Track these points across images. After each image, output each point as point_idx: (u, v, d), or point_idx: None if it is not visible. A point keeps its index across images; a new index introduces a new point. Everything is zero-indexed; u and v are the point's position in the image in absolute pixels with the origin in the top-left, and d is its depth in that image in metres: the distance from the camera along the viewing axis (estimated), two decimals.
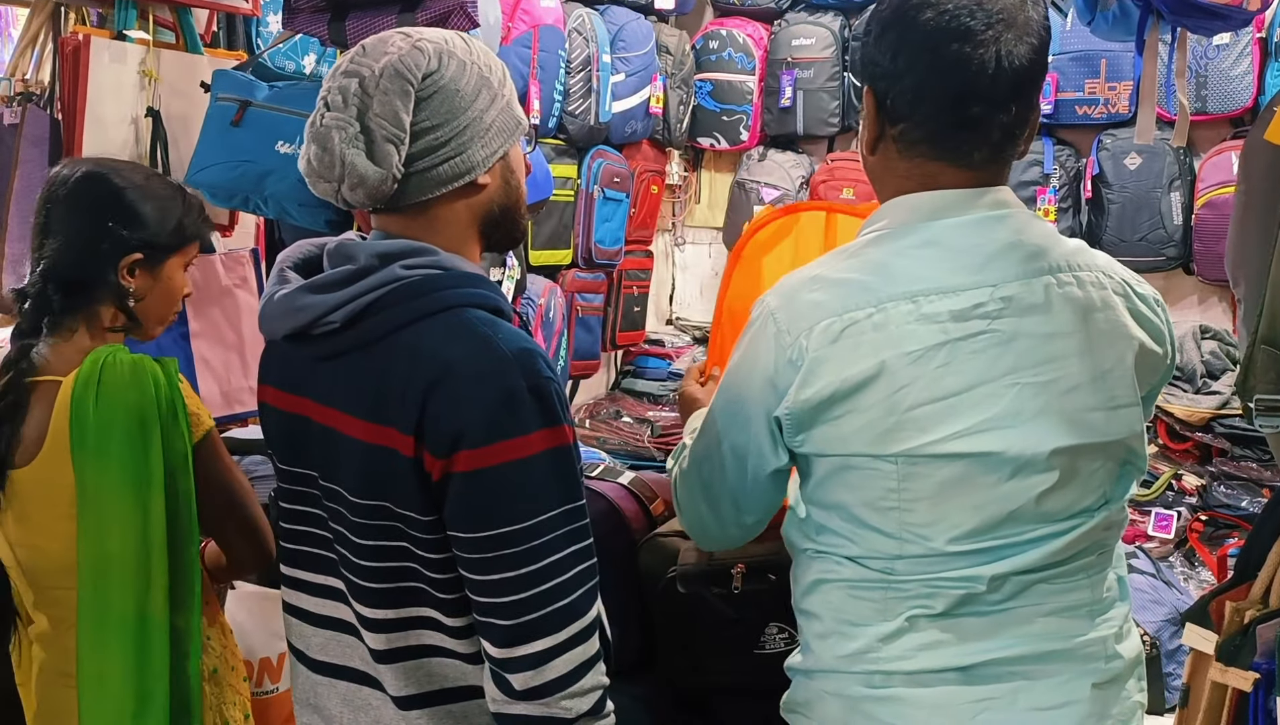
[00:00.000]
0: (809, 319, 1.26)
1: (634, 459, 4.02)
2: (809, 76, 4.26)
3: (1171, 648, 3.18)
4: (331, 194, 1.25)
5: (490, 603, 1.19)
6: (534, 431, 1.18)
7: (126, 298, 1.68)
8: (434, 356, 1.19)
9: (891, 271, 1.26)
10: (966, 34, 1.21)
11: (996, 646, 1.29)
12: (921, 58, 1.24)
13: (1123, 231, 3.75)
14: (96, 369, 1.58)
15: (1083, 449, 1.27)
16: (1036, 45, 1.26)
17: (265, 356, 1.41)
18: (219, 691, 1.74)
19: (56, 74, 2.45)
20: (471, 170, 1.27)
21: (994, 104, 1.24)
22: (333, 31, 2.14)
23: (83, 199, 1.69)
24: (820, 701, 1.36)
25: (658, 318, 4.89)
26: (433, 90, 1.23)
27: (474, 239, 1.33)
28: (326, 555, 1.33)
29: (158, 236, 1.70)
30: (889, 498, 1.26)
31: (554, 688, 1.19)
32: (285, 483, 1.37)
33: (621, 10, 4.15)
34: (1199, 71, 3.56)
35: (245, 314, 2.58)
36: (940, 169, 1.29)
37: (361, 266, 1.23)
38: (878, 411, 1.23)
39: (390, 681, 1.28)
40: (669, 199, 4.78)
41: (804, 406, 1.25)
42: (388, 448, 1.20)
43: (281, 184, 2.22)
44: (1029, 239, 1.29)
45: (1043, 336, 1.26)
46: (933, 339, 1.23)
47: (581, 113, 3.90)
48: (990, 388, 1.24)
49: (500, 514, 1.17)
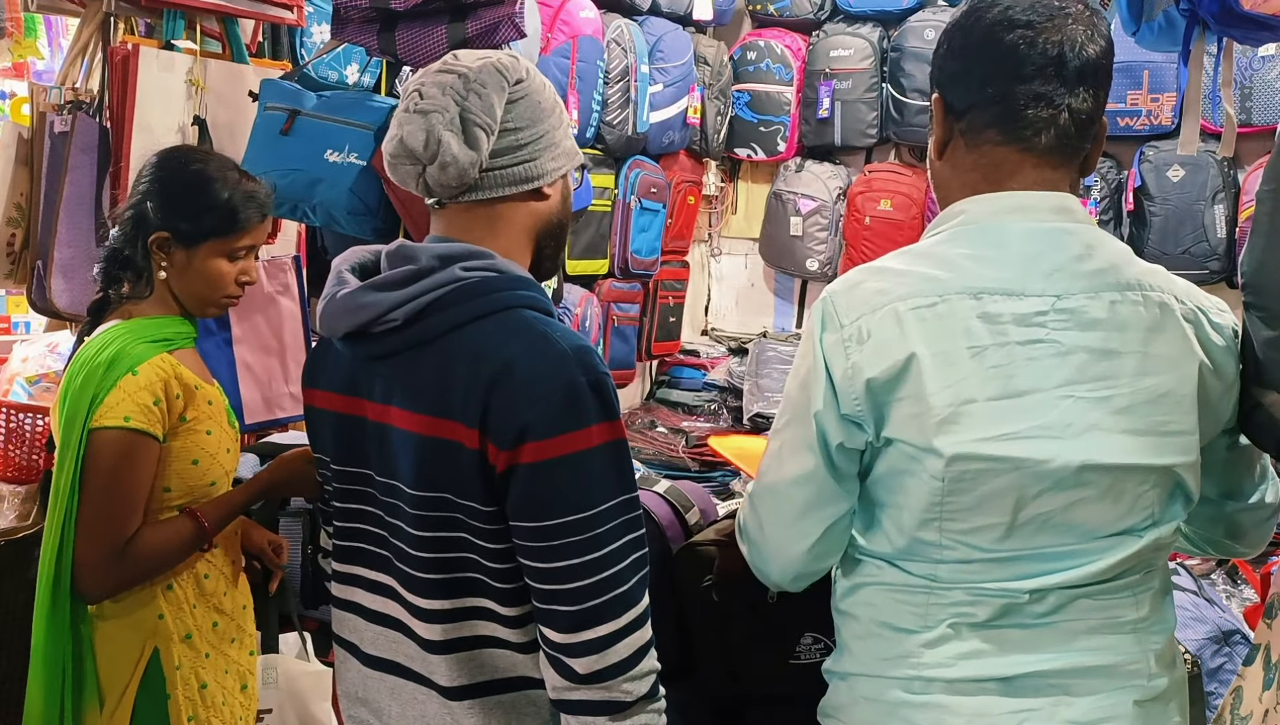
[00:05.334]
0: (871, 304, 1.27)
1: (668, 469, 4.02)
2: (847, 87, 4.25)
3: (1213, 666, 3.13)
4: (414, 177, 1.31)
5: (553, 589, 1.23)
6: (594, 424, 1.23)
7: (148, 272, 1.80)
8: (496, 354, 1.24)
9: (957, 267, 1.27)
10: (1029, 24, 1.27)
11: (1038, 659, 1.28)
12: (987, 48, 1.29)
13: (1165, 244, 3.70)
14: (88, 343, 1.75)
15: (1130, 469, 1.26)
16: (1104, 46, 1.28)
17: (311, 361, 1.45)
18: (193, 655, 1.79)
19: (106, 83, 2.50)
20: (541, 177, 1.35)
21: (1059, 82, 1.26)
22: (382, 41, 2.17)
23: (138, 180, 1.84)
24: (856, 706, 1.36)
25: (693, 328, 4.89)
26: (522, 95, 1.33)
27: (528, 248, 1.38)
28: (381, 553, 1.37)
29: (187, 219, 1.79)
30: (934, 504, 1.26)
31: (616, 671, 1.24)
32: (340, 483, 1.41)
33: (660, 21, 4.16)
34: (1243, 83, 3.52)
35: (287, 320, 2.61)
36: (1007, 155, 1.29)
37: (422, 267, 1.29)
38: (934, 400, 1.23)
39: (442, 673, 1.31)
40: (705, 209, 4.78)
41: (864, 387, 1.25)
42: (451, 441, 1.25)
43: (331, 192, 2.25)
44: (1099, 254, 1.28)
45: (1101, 352, 1.25)
46: (992, 338, 1.24)
47: (619, 123, 3.91)
48: (1043, 396, 1.24)
49: (563, 503, 1.22)
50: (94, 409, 1.67)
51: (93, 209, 2.46)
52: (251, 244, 1.85)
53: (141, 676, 1.73)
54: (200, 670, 1.79)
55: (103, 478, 1.67)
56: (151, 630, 1.75)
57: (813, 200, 4.40)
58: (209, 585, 1.82)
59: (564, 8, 3.68)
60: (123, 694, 1.72)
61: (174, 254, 1.79)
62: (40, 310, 2.55)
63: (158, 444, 1.71)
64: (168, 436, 1.73)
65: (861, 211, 4.25)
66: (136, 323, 1.77)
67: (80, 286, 2.44)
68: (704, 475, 4.03)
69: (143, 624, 1.74)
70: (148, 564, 1.71)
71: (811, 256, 4.43)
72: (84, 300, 2.43)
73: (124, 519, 1.68)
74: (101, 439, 1.67)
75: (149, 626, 1.75)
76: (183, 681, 1.76)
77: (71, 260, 2.44)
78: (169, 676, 1.75)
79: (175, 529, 1.73)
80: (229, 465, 1.84)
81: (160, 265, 1.79)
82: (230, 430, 1.85)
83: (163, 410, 1.70)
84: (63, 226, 2.42)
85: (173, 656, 1.75)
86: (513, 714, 1.31)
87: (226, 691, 1.84)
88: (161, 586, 1.76)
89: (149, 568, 1.72)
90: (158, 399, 1.70)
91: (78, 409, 1.68)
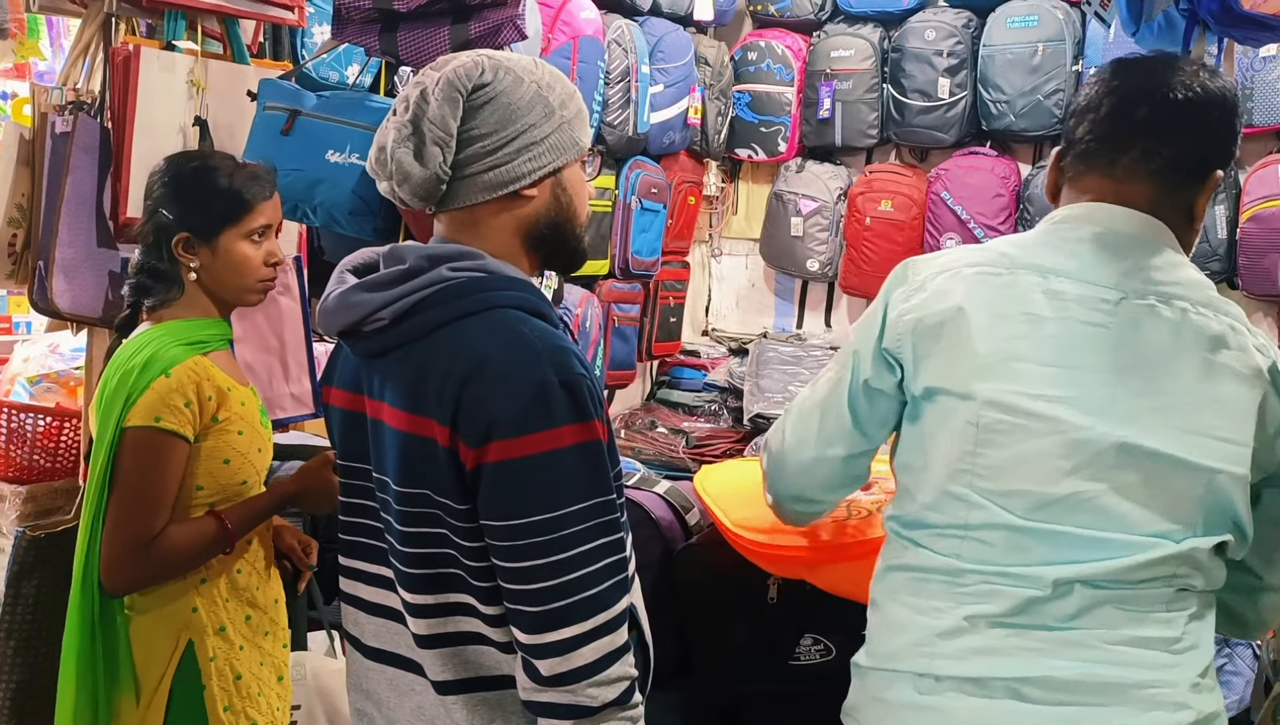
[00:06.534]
0: (940, 265, 1.37)
1: (669, 469, 4.02)
2: (848, 88, 4.25)
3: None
4: (389, 192, 1.34)
5: (519, 589, 1.24)
6: (564, 425, 1.22)
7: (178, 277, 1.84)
8: (471, 351, 1.25)
9: (1030, 249, 1.35)
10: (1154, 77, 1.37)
11: (1055, 665, 1.25)
12: (1108, 94, 1.37)
13: None
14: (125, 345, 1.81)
15: (1171, 461, 1.25)
16: (1212, 97, 1.33)
17: (330, 359, 1.49)
18: (227, 648, 1.82)
19: (107, 83, 2.50)
20: (516, 180, 1.33)
21: (1167, 112, 1.32)
22: (384, 42, 2.17)
23: (147, 194, 1.89)
24: (869, 707, 1.36)
25: (694, 329, 4.88)
26: (484, 100, 1.31)
27: (521, 250, 1.38)
28: (379, 546, 1.39)
29: (199, 213, 1.83)
30: (965, 453, 1.28)
31: (580, 675, 1.23)
32: (345, 478, 1.44)
33: (661, 21, 4.16)
34: (1244, 84, 3.51)
35: (288, 320, 2.61)
36: (1099, 183, 1.35)
37: (410, 267, 1.30)
38: (979, 347, 1.29)
39: (430, 666, 1.33)
40: (706, 210, 4.78)
41: (911, 326, 1.34)
42: (427, 437, 1.26)
43: (332, 192, 2.25)
44: (1180, 273, 1.32)
45: (1160, 349, 1.27)
46: (1053, 312, 1.29)
47: (620, 123, 3.91)
48: (1095, 376, 1.27)
49: (529, 503, 1.22)
50: (127, 409, 1.72)
51: (94, 209, 2.46)
52: (267, 222, 1.89)
53: (177, 669, 1.77)
54: (235, 662, 1.83)
55: (132, 476, 1.72)
56: (185, 623, 1.79)
57: (813, 201, 4.40)
58: (241, 580, 1.86)
59: (564, 8, 3.68)
60: (158, 685, 1.76)
61: (198, 252, 1.84)
62: (41, 310, 2.55)
63: (188, 444, 1.75)
64: (199, 437, 1.78)
65: (862, 212, 4.25)
66: (172, 326, 1.83)
67: (81, 287, 2.44)
68: None
69: (177, 617, 1.79)
70: (170, 562, 1.75)
71: (812, 257, 4.43)
72: (85, 300, 2.44)
73: (150, 517, 1.73)
74: (132, 438, 1.72)
75: (183, 619, 1.79)
76: (217, 673, 1.80)
77: (73, 260, 2.44)
78: (203, 668, 1.79)
79: (200, 530, 1.78)
80: (260, 465, 1.89)
81: (189, 266, 1.84)
82: (263, 431, 1.90)
83: (194, 412, 1.75)
84: (64, 227, 2.42)
85: (207, 648, 1.79)
86: (498, 711, 1.32)
87: (262, 683, 1.88)
88: (195, 580, 1.80)
89: (171, 566, 1.76)
90: (189, 401, 1.75)
91: (112, 409, 1.74)
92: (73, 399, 2.86)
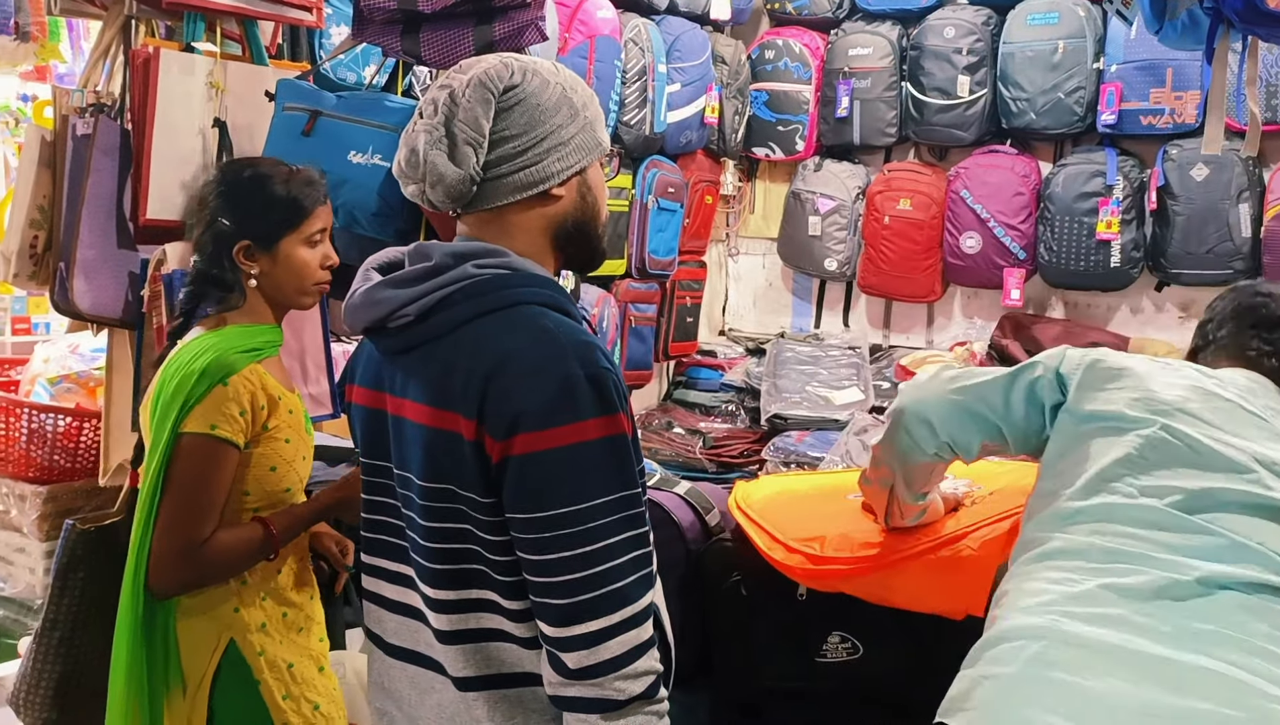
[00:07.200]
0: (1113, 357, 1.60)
1: (685, 470, 4.00)
2: (866, 86, 4.23)
3: None
4: (419, 195, 1.34)
5: (545, 582, 1.24)
6: (590, 418, 1.23)
7: (239, 284, 1.87)
8: (497, 346, 1.26)
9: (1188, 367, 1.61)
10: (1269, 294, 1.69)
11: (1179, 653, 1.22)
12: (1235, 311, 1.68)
13: (1189, 244, 3.66)
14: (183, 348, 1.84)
15: None
16: None
17: (352, 358, 1.50)
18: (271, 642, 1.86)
19: (127, 85, 2.51)
20: (546, 180, 1.34)
21: None
22: (406, 43, 2.17)
23: (202, 203, 1.92)
24: (978, 688, 1.31)
25: (710, 328, 4.87)
26: (514, 101, 1.32)
27: (548, 249, 1.39)
28: (401, 544, 1.39)
29: (259, 221, 1.86)
30: (1127, 457, 1.40)
31: (607, 668, 1.23)
32: (367, 476, 1.45)
33: (677, 20, 4.16)
34: (1269, 81, 3.48)
35: (308, 323, 2.61)
36: None
37: (436, 264, 1.31)
38: (1159, 390, 1.47)
39: (451, 663, 1.33)
40: (723, 209, 4.77)
41: (1089, 362, 1.55)
42: (452, 432, 1.27)
43: (356, 193, 2.25)
44: None
45: None
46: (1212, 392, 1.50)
47: (637, 123, 3.91)
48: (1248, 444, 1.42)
49: (555, 496, 1.22)
50: (184, 414, 1.75)
51: (114, 211, 2.47)
52: (322, 226, 1.93)
53: (218, 665, 1.81)
54: (282, 653, 1.86)
55: (185, 480, 1.75)
56: (227, 623, 1.82)
57: (831, 200, 4.38)
58: (279, 578, 1.90)
59: (581, 7, 3.68)
60: (200, 681, 1.80)
61: (259, 259, 1.88)
62: (62, 311, 2.56)
63: (239, 452, 1.79)
64: (250, 444, 1.81)
65: (880, 211, 4.23)
66: (230, 331, 1.85)
67: (101, 287, 2.45)
68: (721, 477, 4.02)
69: (219, 617, 1.82)
70: (216, 567, 1.79)
71: (830, 256, 4.41)
72: (105, 301, 2.45)
73: (200, 521, 1.76)
74: (187, 443, 1.75)
75: (225, 619, 1.83)
76: (269, 665, 1.84)
77: (93, 261, 2.45)
78: (253, 663, 1.83)
79: (247, 536, 1.81)
80: (303, 472, 1.92)
81: (251, 273, 1.87)
82: (307, 438, 1.93)
83: (247, 420, 1.78)
84: (85, 228, 2.43)
85: (252, 644, 1.83)
86: (519, 708, 1.32)
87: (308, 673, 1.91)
88: (236, 581, 1.83)
89: (217, 570, 1.80)
90: (244, 410, 1.78)
91: (169, 412, 1.76)
92: (93, 400, 2.87)
